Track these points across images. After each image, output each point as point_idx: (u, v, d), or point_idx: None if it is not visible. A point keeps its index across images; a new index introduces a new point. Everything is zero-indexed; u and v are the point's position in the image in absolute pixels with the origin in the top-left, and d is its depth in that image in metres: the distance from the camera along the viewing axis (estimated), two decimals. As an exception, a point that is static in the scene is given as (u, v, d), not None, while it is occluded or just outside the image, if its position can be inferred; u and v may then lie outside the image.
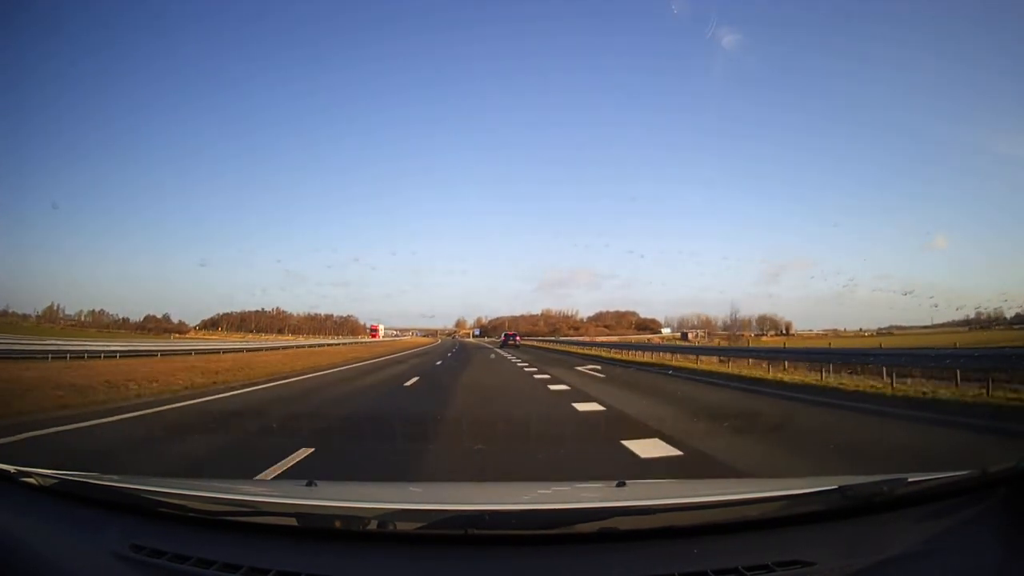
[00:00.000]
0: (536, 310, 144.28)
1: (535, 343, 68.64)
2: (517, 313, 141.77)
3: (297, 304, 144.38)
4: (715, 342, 60.98)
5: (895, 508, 1.55)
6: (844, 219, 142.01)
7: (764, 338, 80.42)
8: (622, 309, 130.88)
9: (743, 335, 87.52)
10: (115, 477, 1.98)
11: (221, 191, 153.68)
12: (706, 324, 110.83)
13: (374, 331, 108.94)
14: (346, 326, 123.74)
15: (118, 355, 21.14)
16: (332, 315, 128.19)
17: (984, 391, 9.21)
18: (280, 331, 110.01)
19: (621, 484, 1.86)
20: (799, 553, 1.37)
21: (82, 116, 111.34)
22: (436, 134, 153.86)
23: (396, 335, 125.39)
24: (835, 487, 1.55)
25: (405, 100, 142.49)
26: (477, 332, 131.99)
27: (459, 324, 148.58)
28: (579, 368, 18.21)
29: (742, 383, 13.00)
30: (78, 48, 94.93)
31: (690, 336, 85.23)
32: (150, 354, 22.76)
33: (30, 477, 1.76)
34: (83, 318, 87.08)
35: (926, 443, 5.88)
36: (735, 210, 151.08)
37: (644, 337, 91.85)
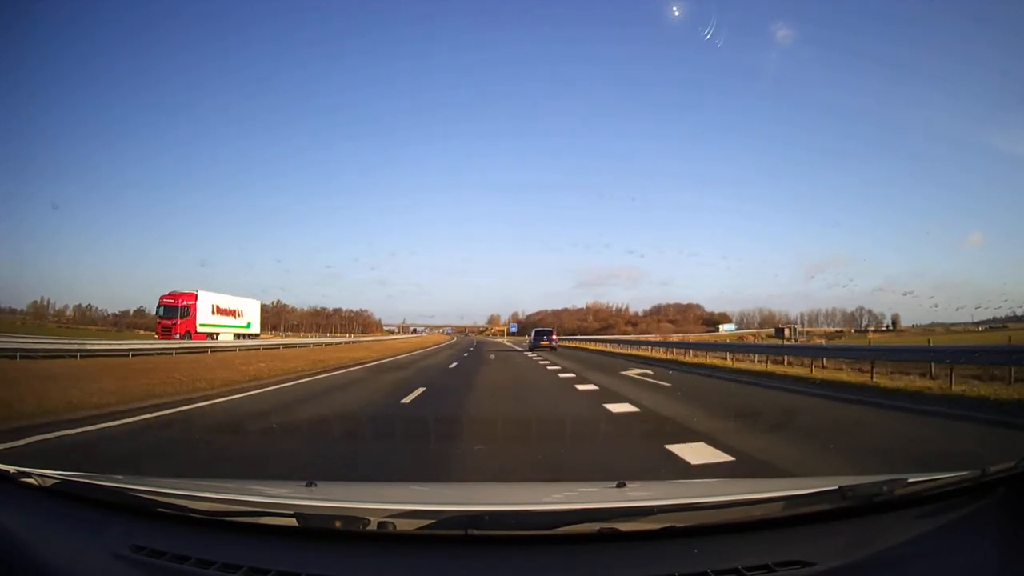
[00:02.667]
0: (580, 305, 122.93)
1: (583, 344, 48.45)
2: (559, 307, 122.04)
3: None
4: (812, 340, 54.12)
5: (895, 508, 1.55)
6: (876, 218, 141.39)
7: (872, 334, 71.61)
8: (683, 302, 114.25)
9: (842, 331, 78.80)
10: (115, 477, 1.98)
11: (234, 189, 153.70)
12: (769, 319, 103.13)
13: (163, 322, 36.74)
14: (356, 322, 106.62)
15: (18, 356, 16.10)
16: (340, 309, 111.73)
17: None
18: (274, 328, 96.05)
19: (621, 484, 1.86)
20: (799, 553, 1.37)
21: (79, 113, 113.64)
22: (452, 136, 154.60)
23: (423, 331, 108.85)
24: (835, 487, 1.54)
25: (421, 104, 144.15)
26: (513, 329, 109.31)
27: (492, 321, 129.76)
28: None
29: None
30: (78, 47, 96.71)
31: (786, 333, 75.79)
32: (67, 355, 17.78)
33: (30, 477, 1.76)
34: (70, 313, 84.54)
35: None
36: (771, 211, 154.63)
37: (735, 335, 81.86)
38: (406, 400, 9.16)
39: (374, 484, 3.13)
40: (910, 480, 1.59)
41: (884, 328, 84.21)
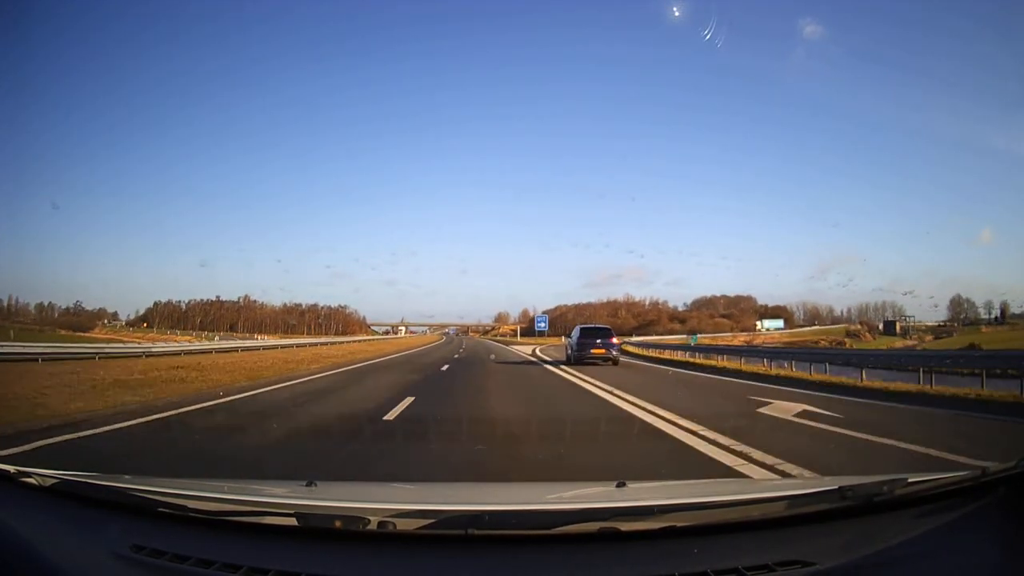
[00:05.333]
0: (601, 299, 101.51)
1: (658, 352, 27.95)
2: (582, 301, 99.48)
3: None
4: (927, 339, 48.00)
5: (895, 508, 1.55)
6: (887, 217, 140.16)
7: (985, 328, 64.19)
8: (730, 294, 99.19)
9: (946, 324, 71.57)
10: (115, 477, 1.98)
11: (235, 187, 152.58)
12: (815, 315, 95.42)
13: None
14: (334, 320, 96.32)
15: None
16: (316, 306, 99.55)
17: None
18: (232, 327, 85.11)
19: (621, 484, 1.86)
20: (799, 553, 1.37)
21: (76, 114, 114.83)
22: (452, 136, 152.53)
23: (423, 330, 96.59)
24: (835, 487, 1.54)
25: (422, 104, 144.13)
26: (541, 325, 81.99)
27: (499, 319, 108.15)
28: None
29: None
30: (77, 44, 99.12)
31: (898, 328, 66.93)
32: None
33: (30, 477, 1.76)
34: (32, 311, 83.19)
35: None
36: (778, 212, 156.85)
37: (837, 334, 68.85)
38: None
39: (374, 484, 3.13)
40: (910, 480, 1.59)
41: (993, 319, 76.12)
